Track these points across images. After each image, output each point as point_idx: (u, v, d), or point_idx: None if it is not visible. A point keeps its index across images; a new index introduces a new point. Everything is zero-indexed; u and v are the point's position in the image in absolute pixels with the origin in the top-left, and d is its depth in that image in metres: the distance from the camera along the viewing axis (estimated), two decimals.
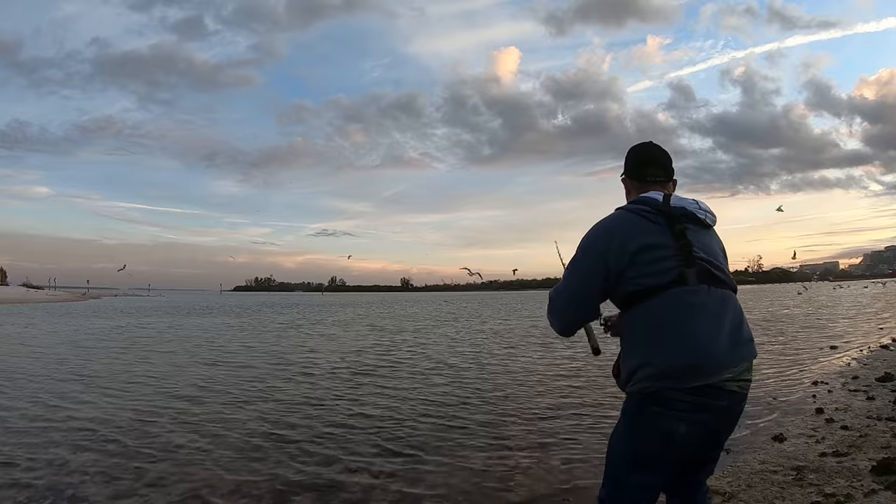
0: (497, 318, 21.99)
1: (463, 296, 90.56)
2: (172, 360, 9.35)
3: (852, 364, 7.38)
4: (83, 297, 65.68)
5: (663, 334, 1.44)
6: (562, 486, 3.25)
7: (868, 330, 12.55)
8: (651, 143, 1.75)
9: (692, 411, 1.41)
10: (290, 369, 8.25)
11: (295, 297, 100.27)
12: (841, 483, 2.83)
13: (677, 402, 1.41)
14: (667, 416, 1.42)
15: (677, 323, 1.43)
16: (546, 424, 4.67)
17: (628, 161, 1.74)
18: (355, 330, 16.72)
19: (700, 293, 1.45)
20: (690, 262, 1.48)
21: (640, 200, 1.59)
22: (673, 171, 1.70)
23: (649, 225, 1.52)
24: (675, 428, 1.42)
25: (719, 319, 1.45)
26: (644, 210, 1.55)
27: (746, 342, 1.49)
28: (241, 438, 4.34)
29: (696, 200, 1.61)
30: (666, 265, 1.47)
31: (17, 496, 3.14)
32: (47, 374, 7.78)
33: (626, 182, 1.74)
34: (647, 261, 1.48)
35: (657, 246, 1.49)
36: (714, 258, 1.54)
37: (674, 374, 1.40)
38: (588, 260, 1.56)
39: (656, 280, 1.47)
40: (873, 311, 19.75)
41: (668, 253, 1.48)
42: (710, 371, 1.40)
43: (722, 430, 1.55)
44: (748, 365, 1.48)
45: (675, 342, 1.42)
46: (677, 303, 1.45)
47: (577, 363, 8.33)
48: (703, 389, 1.40)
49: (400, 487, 3.29)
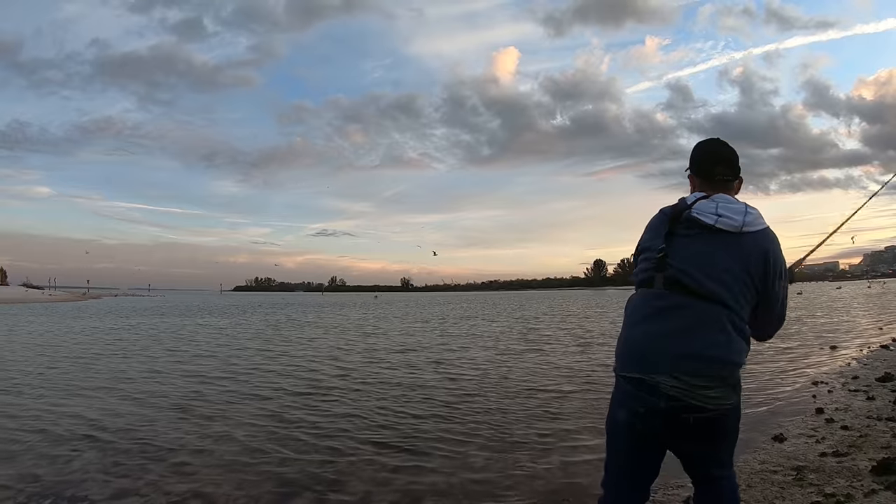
0: (496, 320, 21.96)
1: (463, 296, 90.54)
2: (171, 360, 9.35)
3: (852, 364, 7.38)
4: (83, 297, 65.69)
5: (624, 327, 1.66)
6: (562, 485, 3.26)
7: (868, 330, 12.55)
8: (719, 140, 1.73)
9: (628, 399, 1.56)
10: (290, 369, 8.26)
11: (295, 297, 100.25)
12: (841, 483, 2.83)
13: (621, 387, 1.60)
14: (616, 399, 1.63)
15: (633, 319, 1.63)
16: (546, 424, 4.67)
17: (696, 159, 1.72)
18: (353, 330, 16.71)
19: (658, 297, 1.57)
20: (661, 268, 1.57)
21: (678, 202, 1.67)
22: (739, 170, 1.69)
23: (658, 227, 1.65)
24: (617, 412, 1.61)
25: (665, 324, 1.53)
26: (664, 212, 1.66)
27: (692, 356, 1.46)
28: (241, 438, 4.34)
29: (718, 204, 1.55)
30: (645, 266, 1.64)
31: (17, 496, 3.14)
32: (47, 375, 7.79)
33: (692, 179, 1.74)
34: (641, 261, 1.68)
35: (650, 248, 1.64)
36: (699, 269, 1.50)
37: (619, 359, 1.62)
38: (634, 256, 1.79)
39: (637, 279, 1.66)
40: (873, 311, 19.76)
41: (652, 256, 1.62)
42: (641, 366, 1.53)
43: (676, 437, 1.53)
44: (701, 380, 1.45)
45: (626, 335, 1.63)
46: (640, 302, 1.63)
47: (577, 364, 8.34)
48: (637, 381, 1.53)
49: (400, 486, 3.29)
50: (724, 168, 1.66)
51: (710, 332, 1.48)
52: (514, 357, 9.39)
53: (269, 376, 7.57)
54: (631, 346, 1.59)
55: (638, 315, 1.61)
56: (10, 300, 45.59)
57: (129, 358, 9.69)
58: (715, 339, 1.48)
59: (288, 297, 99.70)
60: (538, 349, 10.51)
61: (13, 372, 7.99)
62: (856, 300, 29.48)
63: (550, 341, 12.01)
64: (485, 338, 13.40)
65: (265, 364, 8.89)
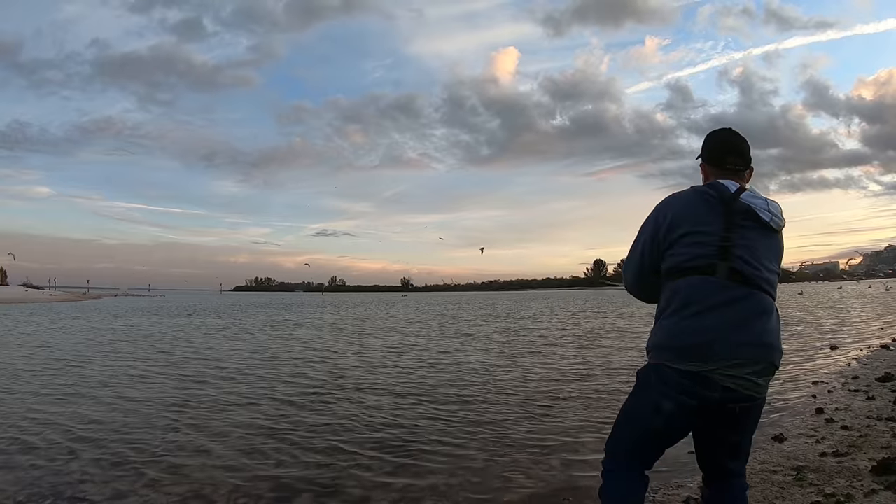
0: (495, 320, 21.96)
1: (462, 296, 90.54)
2: (170, 361, 9.35)
3: (852, 364, 7.38)
4: (83, 297, 65.67)
5: (677, 313, 1.55)
6: (562, 485, 3.25)
7: (868, 330, 12.55)
8: (731, 129, 1.75)
9: (679, 392, 1.51)
10: (287, 370, 8.25)
11: (295, 297, 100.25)
12: (841, 483, 2.83)
13: (670, 379, 1.53)
14: (658, 391, 1.56)
15: (691, 307, 1.52)
16: (546, 424, 4.67)
17: (708, 147, 1.74)
18: (351, 331, 16.70)
19: (724, 288, 1.51)
20: (725, 257, 1.52)
21: (712, 185, 1.63)
22: (751, 160, 1.72)
23: (706, 210, 1.57)
24: (662, 403, 1.54)
25: (733, 314, 1.49)
26: (709, 194, 1.60)
27: (760, 345, 1.50)
28: (241, 438, 4.34)
29: (768, 200, 1.60)
30: (700, 251, 1.55)
31: (17, 496, 3.14)
32: (43, 376, 7.78)
33: (704, 167, 1.75)
34: (687, 243, 1.57)
35: (702, 232, 1.56)
36: (756, 260, 1.54)
37: (675, 352, 1.52)
38: (645, 234, 1.69)
39: (687, 262, 1.56)
40: (874, 311, 19.76)
41: (708, 241, 1.54)
42: (705, 358, 1.47)
43: (719, 427, 1.58)
44: (758, 367, 1.50)
45: (682, 323, 1.53)
46: (699, 288, 1.53)
47: (577, 365, 8.33)
48: (693, 375, 1.49)
49: (400, 486, 3.29)
50: (735, 157, 1.68)
51: (767, 321, 1.53)
52: (513, 358, 9.38)
53: (266, 378, 7.56)
54: (690, 336, 1.50)
55: (699, 304, 1.52)
56: (9, 300, 45.56)
57: (126, 359, 9.67)
58: (771, 327, 1.54)
59: (288, 297, 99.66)
60: (537, 350, 10.50)
61: (9, 373, 7.98)
62: (857, 300, 29.49)
63: (550, 342, 12.01)
64: (483, 338, 13.39)
65: (262, 365, 8.88)
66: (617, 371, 7.44)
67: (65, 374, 7.88)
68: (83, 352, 10.82)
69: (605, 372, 7.40)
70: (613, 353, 9.24)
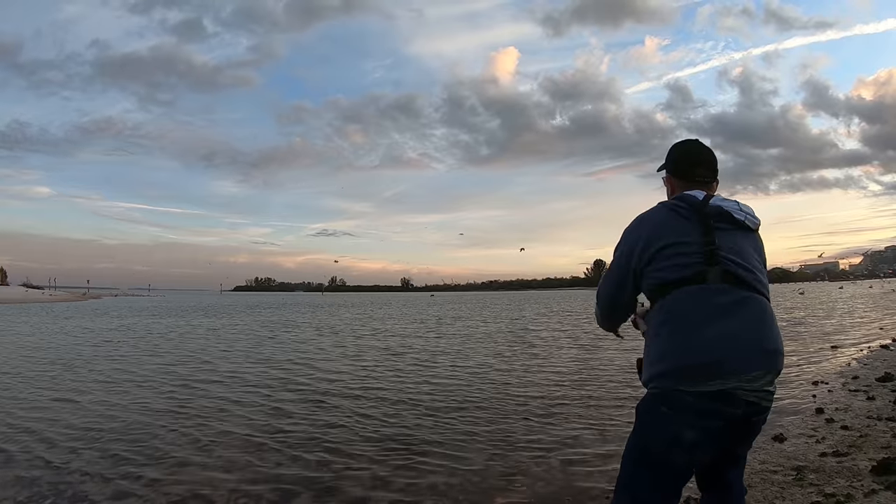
0: (495, 320, 21.96)
1: (462, 296, 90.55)
2: (169, 361, 9.35)
3: (852, 364, 7.38)
4: (83, 297, 65.68)
5: (676, 332, 1.41)
6: (562, 485, 3.25)
7: (868, 330, 12.55)
8: (698, 141, 1.69)
9: (701, 417, 1.36)
10: (287, 370, 8.25)
11: (295, 297, 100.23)
12: (841, 483, 2.83)
13: (687, 405, 1.36)
14: (674, 420, 1.38)
15: (693, 320, 1.40)
16: (546, 425, 4.67)
17: (675, 160, 1.67)
18: (350, 331, 16.70)
19: (720, 293, 1.41)
20: (714, 261, 1.44)
21: (679, 197, 1.57)
22: (717, 171, 1.66)
23: (680, 222, 1.49)
24: (682, 433, 1.37)
25: (738, 322, 1.39)
26: (679, 206, 1.52)
27: (770, 352, 1.41)
28: (240, 438, 4.34)
29: (738, 202, 1.56)
30: (684, 261, 1.45)
31: (17, 496, 3.14)
32: (45, 375, 7.78)
33: (670, 180, 1.68)
34: (667, 256, 1.46)
35: (680, 243, 1.46)
36: (744, 260, 1.47)
37: (686, 373, 1.36)
38: (622, 259, 1.57)
39: (673, 275, 1.45)
40: (874, 311, 19.75)
41: (691, 250, 1.45)
42: (722, 374, 1.34)
43: (737, 443, 1.49)
44: (770, 377, 1.41)
45: (688, 340, 1.38)
46: (694, 299, 1.42)
47: (577, 364, 8.33)
48: (715, 394, 1.34)
49: (400, 487, 3.29)
50: (704, 169, 1.62)
51: (772, 326, 1.45)
52: (513, 358, 9.38)
53: (265, 378, 7.56)
54: (698, 353, 1.36)
55: (698, 316, 1.39)
56: (9, 300, 45.55)
57: (126, 359, 9.68)
58: (776, 331, 1.46)
59: (287, 297, 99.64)
60: (537, 351, 10.50)
61: (9, 374, 7.98)
62: (858, 300, 29.48)
63: (549, 342, 12.01)
64: (483, 339, 13.39)
65: (260, 366, 8.88)
66: (617, 372, 7.43)
67: (65, 374, 7.88)
68: (82, 352, 10.82)
69: (605, 373, 7.40)
70: (613, 354, 9.23)
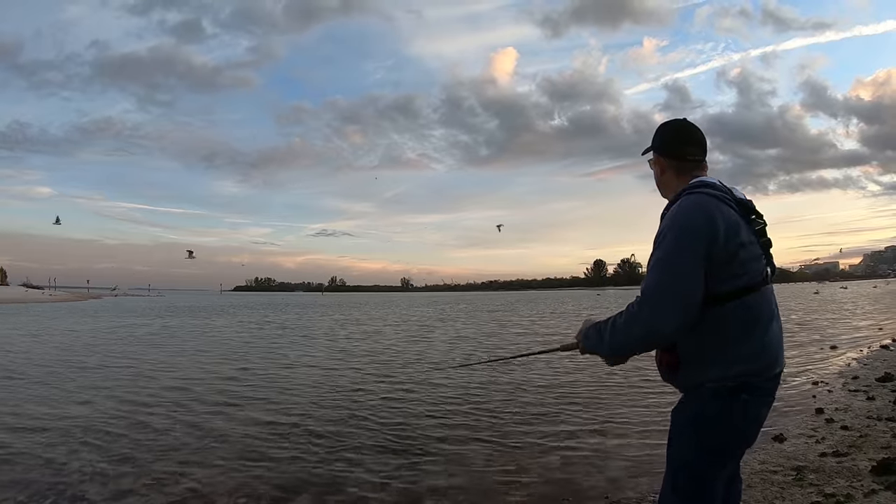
0: (495, 321, 21.95)
1: (463, 296, 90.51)
2: (169, 361, 9.35)
3: (852, 364, 7.38)
4: (83, 297, 65.72)
5: (760, 332, 1.41)
6: (562, 486, 3.25)
7: (868, 330, 12.55)
8: (686, 120, 1.59)
9: (769, 395, 1.47)
10: (286, 370, 8.25)
11: (295, 297, 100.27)
12: (841, 483, 2.83)
13: (761, 388, 1.43)
14: (754, 403, 1.43)
15: (764, 321, 1.42)
16: (545, 425, 4.67)
17: (665, 138, 1.57)
18: (351, 329, 16.70)
19: (768, 292, 1.46)
20: (769, 261, 1.47)
21: (709, 185, 1.44)
22: (706, 150, 1.57)
23: (736, 217, 1.40)
24: (760, 412, 1.46)
25: (778, 317, 1.49)
26: (727, 199, 1.42)
27: (781, 340, 1.52)
28: (240, 438, 4.34)
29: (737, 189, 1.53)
30: (758, 265, 1.42)
31: (17, 496, 3.14)
32: (45, 375, 7.78)
33: (661, 161, 1.57)
34: (745, 258, 1.38)
35: (752, 243, 1.41)
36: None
37: (767, 368, 1.43)
38: (698, 248, 1.34)
39: (756, 278, 1.41)
40: (874, 311, 19.75)
41: (758, 251, 1.43)
42: (779, 365, 1.47)
43: None
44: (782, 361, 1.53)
45: (764, 338, 1.41)
46: (764, 301, 1.43)
47: (577, 365, 8.33)
48: (774, 379, 1.47)
49: (400, 486, 3.29)
50: (695, 148, 1.53)
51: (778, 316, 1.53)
52: (513, 358, 9.37)
53: (264, 378, 7.56)
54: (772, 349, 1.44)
55: (767, 315, 1.43)
56: (9, 300, 45.56)
57: (125, 359, 9.68)
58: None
59: (287, 297, 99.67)
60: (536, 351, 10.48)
61: (9, 375, 7.98)
62: (858, 300, 29.48)
63: (548, 343, 12.00)
64: (483, 338, 13.39)
65: (260, 366, 8.88)
66: (617, 372, 7.42)
67: (64, 374, 7.87)
68: (82, 352, 10.82)
69: (606, 372, 7.39)
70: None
